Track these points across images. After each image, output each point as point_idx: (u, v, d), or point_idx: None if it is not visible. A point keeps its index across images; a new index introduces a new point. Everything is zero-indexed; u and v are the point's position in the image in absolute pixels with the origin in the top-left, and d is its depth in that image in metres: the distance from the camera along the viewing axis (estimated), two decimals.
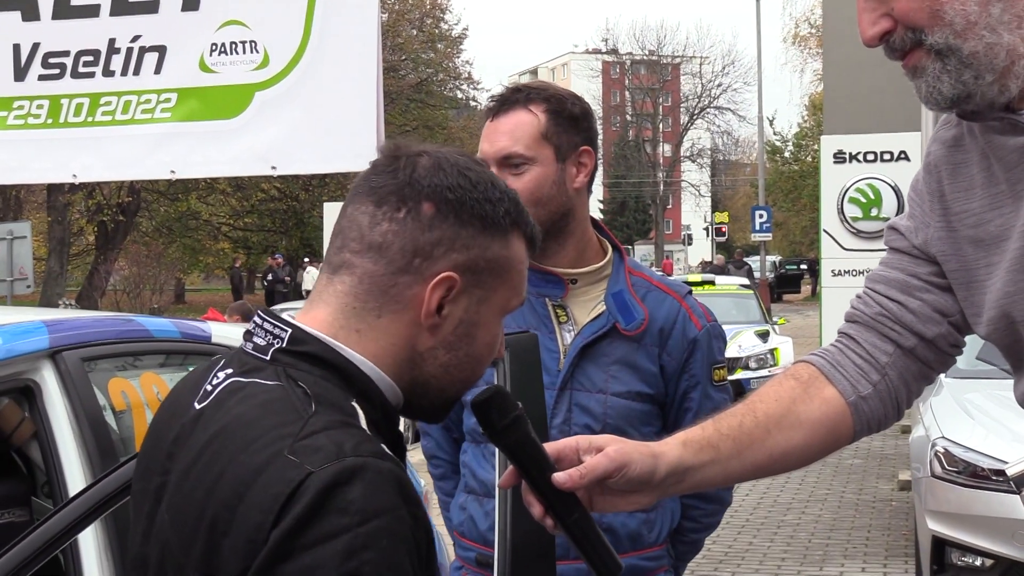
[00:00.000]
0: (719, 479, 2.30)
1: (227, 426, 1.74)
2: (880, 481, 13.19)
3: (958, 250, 2.30)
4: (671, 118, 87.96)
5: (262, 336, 1.85)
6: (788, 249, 72.21)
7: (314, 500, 1.60)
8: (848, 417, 2.37)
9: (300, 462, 1.64)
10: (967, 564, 7.86)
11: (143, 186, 37.75)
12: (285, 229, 47.26)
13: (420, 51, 49.18)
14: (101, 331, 4.31)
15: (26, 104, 6.73)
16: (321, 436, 1.67)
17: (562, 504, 2.04)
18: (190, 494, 1.73)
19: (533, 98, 3.31)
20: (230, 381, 1.82)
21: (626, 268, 3.39)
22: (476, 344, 1.89)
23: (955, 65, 2.09)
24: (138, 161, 6.67)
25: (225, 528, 1.65)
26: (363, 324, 1.83)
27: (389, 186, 1.85)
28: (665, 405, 3.37)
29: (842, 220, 16.62)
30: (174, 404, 1.92)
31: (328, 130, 6.32)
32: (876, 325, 2.40)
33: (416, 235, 1.82)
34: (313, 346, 1.82)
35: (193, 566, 1.69)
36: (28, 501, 4.30)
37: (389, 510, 1.63)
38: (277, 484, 1.63)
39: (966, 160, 2.28)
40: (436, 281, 1.82)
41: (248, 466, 1.67)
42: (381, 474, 1.65)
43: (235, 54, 6.47)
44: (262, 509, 1.62)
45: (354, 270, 1.84)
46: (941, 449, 8.16)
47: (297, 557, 1.59)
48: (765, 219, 46.03)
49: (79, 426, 3.84)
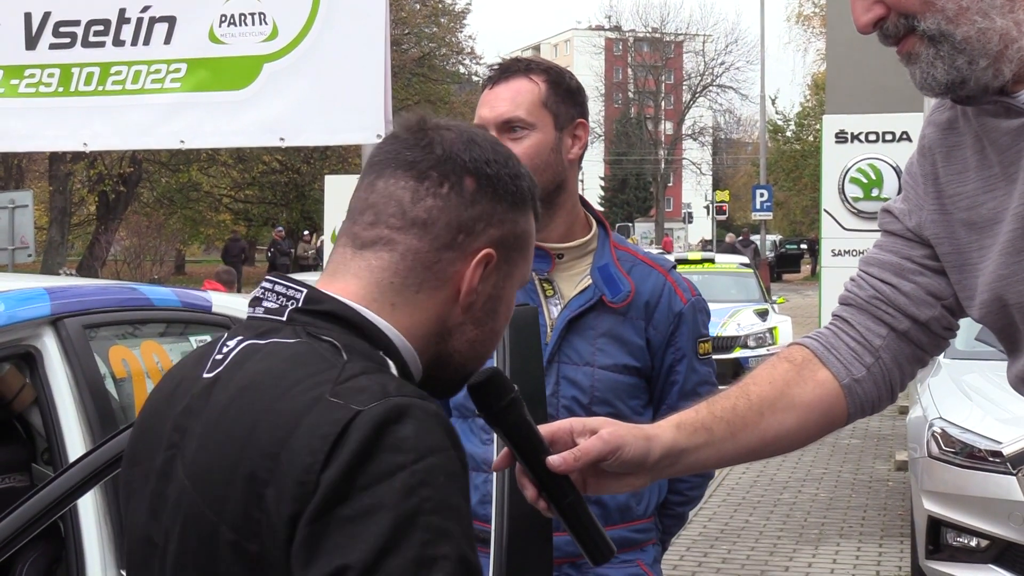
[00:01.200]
0: (713, 461, 2.31)
1: (254, 381, 1.71)
2: (877, 461, 13.22)
3: (951, 233, 2.30)
4: (673, 96, 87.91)
5: (273, 299, 1.82)
6: (788, 229, 72.19)
7: (367, 438, 1.57)
8: (842, 400, 2.37)
9: (345, 402, 1.61)
10: (962, 544, 7.88)
11: (144, 156, 37.71)
12: (286, 202, 47.20)
13: (423, 25, 49.03)
14: (103, 299, 4.32)
15: (37, 72, 6.74)
16: (362, 378, 1.66)
17: (556, 487, 2.04)
18: (217, 452, 1.68)
19: (533, 68, 3.36)
20: (245, 344, 1.78)
21: (611, 243, 3.42)
22: (499, 319, 1.90)
23: (948, 51, 2.08)
24: (148, 130, 6.69)
25: (267, 476, 1.60)
26: (399, 299, 1.80)
27: (428, 160, 1.82)
28: (651, 378, 3.40)
29: (843, 200, 16.59)
30: (175, 384, 1.88)
31: (336, 102, 6.33)
32: (870, 308, 2.40)
33: (460, 211, 1.81)
34: (331, 305, 1.78)
35: (229, 523, 1.64)
36: (28, 467, 4.32)
37: (441, 448, 1.61)
38: (324, 425, 1.59)
39: (960, 143, 2.28)
40: (480, 257, 1.82)
41: (287, 412, 1.63)
42: (428, 414, 1.63)
43: (244, 25, 6.48)
44: (311, 450, 1.58)
45: (395, 246, 1.80)
46: (938, 430, 8.18)
47: (355, 498, 1.55)
48: (766, 198, 46.05)
49: (79, 393, 3.85)
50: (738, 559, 9.71)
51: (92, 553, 3.67)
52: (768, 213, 47.12)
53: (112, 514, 3.74)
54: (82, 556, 3.66)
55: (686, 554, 9.75)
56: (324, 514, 1.56)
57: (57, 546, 3.90)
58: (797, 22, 64.97)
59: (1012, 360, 2.33)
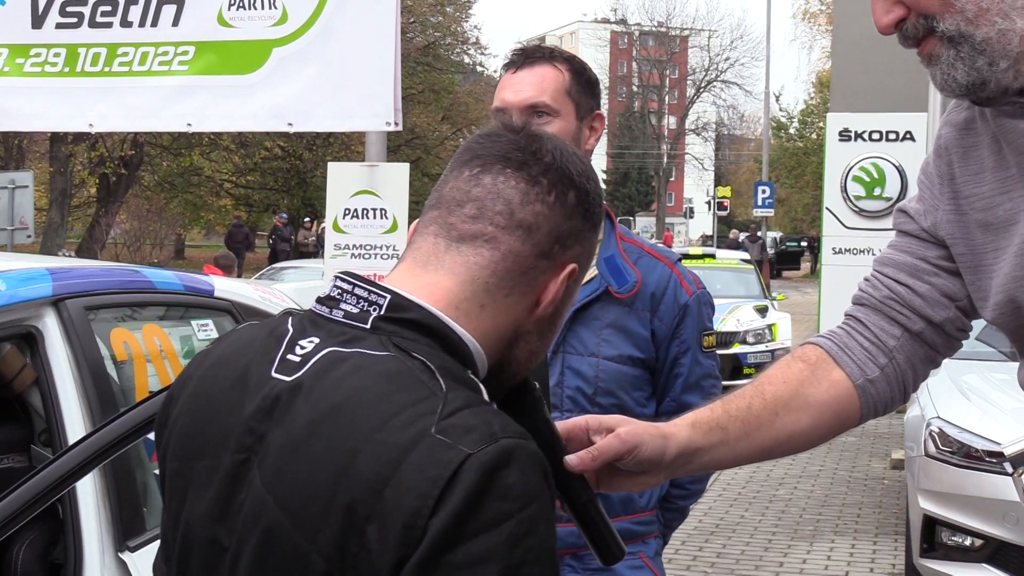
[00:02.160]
0: (727, 460, 2.30)
1: (348, 400, 1.65)
2: (873, 459, 13.23)
3: (967, 234, 2.29)
4: (677, 90, 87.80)
5: (353, 303, 1.77)
6: (789, 226, 72.13)
7: (477, 485, 1.55)
8: (855, 400, 2.37)
9: (453, 443, 1.57)
10: (957, 543, 7.89)
11: (146, 140, 37.67)
12: (287, 188, 47.15)
13: (428, 14, 48.97)
14: (104, 280, 4.30)
15: (43, 52, 6.73)
16: (467, 414, 1.62)
17: (571, 486, 2.04)
18: (310, 474, 1.63)
19: (556, 56, 3.38)
20: (328, 351, 1.72)
21: (617, 234, 3.43)
22: (554, 332, 1.90)
23: (968, 52, 2.07)
24: (155, 113, 6.67)
25: (367, 512, 1.57)
26: (489, 300, 1.78)
27: (539, 166, 1.81)
28: (655, 370, 3.40)
29: (845, 198, 16.56)
30: (236, 374, 1.80)
31: (346, 89, 6.32)
32: (884, 308, 2.40)
33: (560, 222, 1.81)
34: (418, 314, 1.74)
35: (322, 552, 1.60)
36: (27, 447, 4.32)
37: (541, 494, 1.60)
38: (433, 467, 1.56)
39: (977, 143, 2.27)
40: (568, 271, 1.82)
41: (390, 446, 1.59)
42: (531, 457, 1.62)
43: (253, 9, 6.46)
44: (420, 494, 1.55)
45: (498, 245, 1.78)
46: (936, 429, 8.19)
47: (463, 546, 1.54)
48: (767, 195, 46.02)
49: (80, 374, 3.84)
50: (733, 554, 9.72)
51: (90, 534, 3.67)
52: (769, 210, 47.08)
53: (111, 496, 3.74)
54: (80, 537, 3.65)
55: (681, 548, 9.75)
56: (432, 561, 1.54)
57: (55, 527, 3.90)
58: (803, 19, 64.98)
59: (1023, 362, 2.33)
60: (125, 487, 3.85)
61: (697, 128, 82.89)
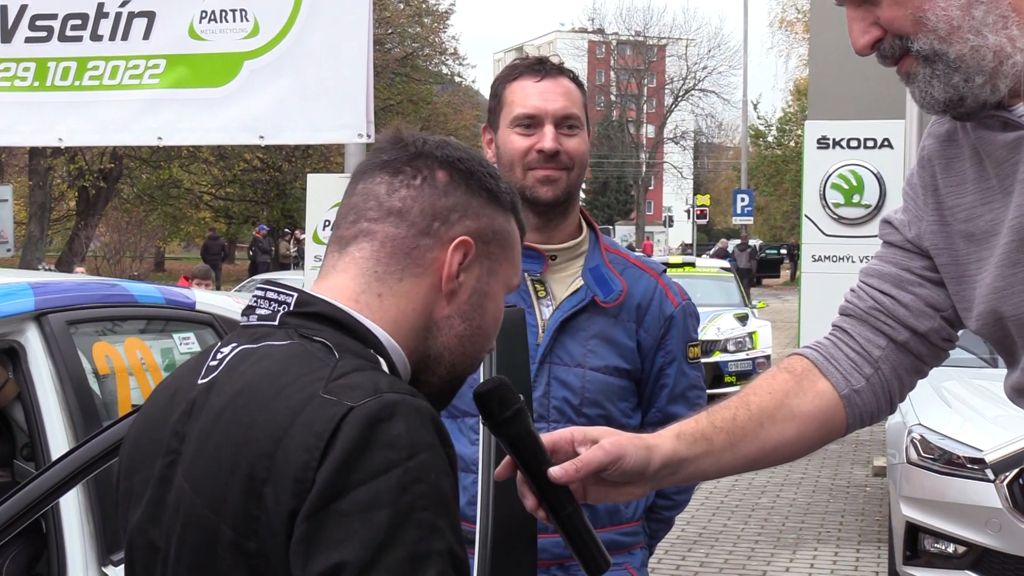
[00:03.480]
0: (712, 471, 2.32)
1: (249, 383, 1.75)
2: (855, 467, 13.26)
3: (950, 244, 2.31)
4: (655, 99, 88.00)
5: (266, 306, 1.88)
6: (768, 234, 72.30)
7: (360, 435, 1.61)
8: (841, 410, 2.39)
9: (338, 399, 1.65)
10: (940, 551, 7.91)
11: (125, 152, 37.60)
12: (267, 200, 47.13)
13: (406, 25, 48.98)
14: (86, 295, 4.30)
15: (12, 66, 6.68)
16: (355, 375, 1.70)
17: (556, 498, 2.06)
18: (215, 454, 1.72)
19: (565, 71, 3.45)
20: (239, 349, 1.83)
21: (602, 245, 3.45)
22: (487, 316, 1.94)
23: (943, 70, 2.10)
24: (125, 126, 6.63)
25: (264, 475, 1.64)
26: (384, 288, 1.86)
27: (403, 158, 1.92)
28: (641, 381, 3.41)
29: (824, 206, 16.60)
30: (171, 391, 1.92)
31: (317, 100, 6.30)
32: (869, 319, 2.41)
33: (434, 200, 1.89)
34: (321, 307, 1.84)
35: (229, 522, 1.67)
36: (10, 462, 4.31)
37: (432, 445, 1.65)
38: (318, 422, 1.63)
39: (959, 155, 2.29)
40: (455, 244, 1.87)
41: (282, 411, 1.67)
42: (419, 411, 1.67)
43: (225, 22, 6.43)
44: (306, 448, 1.62)
45: (374, 236, 1.88)
46: (917, 436, 8.21)
47: (351, 493, 1.59)
48: (747, 203, 46.15)
49: (63, 389, 3.84)
50: (716, 563, 9.73)
51: (74, 549, 3.67)
52: (748, 218, 47.21)
53: (95, 511, 3.74)
54: (63, 552, 3.65)
55: (664, 557, 9.76)
56: (320, 509, 1.59)
57: (38, 542, 3.89)
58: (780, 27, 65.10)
59: (1009, 371, 2.34)
60: (108, 501, 3.84)
61: (676, 137, 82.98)
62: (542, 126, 3.30)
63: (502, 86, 3.44)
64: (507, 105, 3.39)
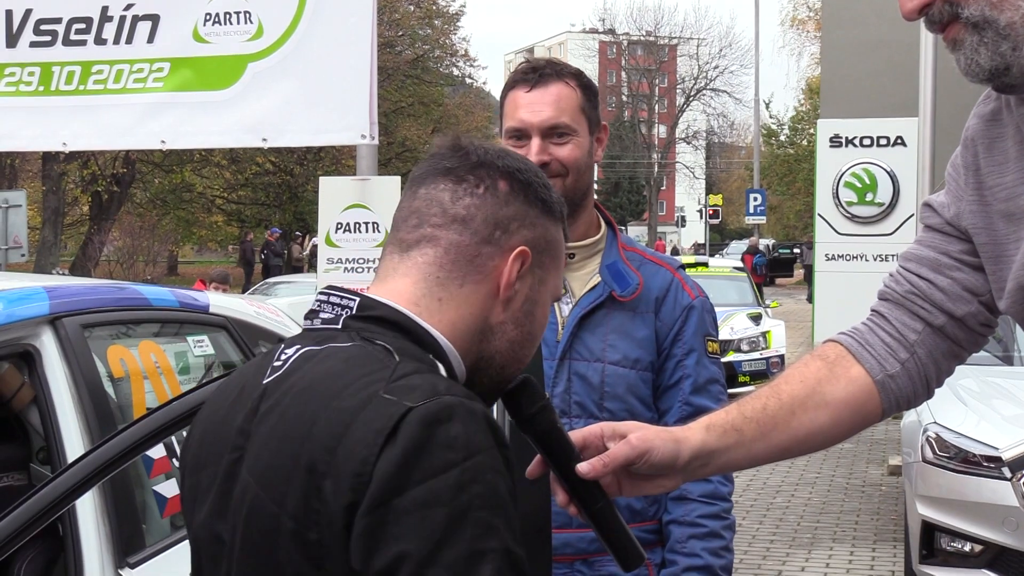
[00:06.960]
0: (745, 462, 2.32)
1: (312, 382, 1.81)
2: (870, 466, 13.23)
3: (989, 224, 2.29)
4: (667, 99, 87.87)
5: (329, 310, 1.94)
6: (781, 233, 72.25)
7: (419, 434, 1.67)
8: (875, 396, 2.38)
9: (398, 399, 1.70)
10: (956, 549, 7.89)
11: (138, 157, 37.70)
12: (279, 203, 47.19)
13: (417, 27, 49.04)
14: (101, 298, 4.31)
15: (17, 71, 6.68)
16: (414, 377, 1.76)
17: (587, 493, 2.08)
18: (279, 449, 1.78)
19: (565, 72, 3.39)
20: (304, 351, 1.89)
21: (619, 243, 3.46)
22: (536, 323, 2.00)
23: (992, 37, 2.07)
24: (129, 130, 6.63)
25: (325, 469, 1.70)
26: (445, 293, 1.92)
27: (465, 166, 1.96)
28: (659, 371, 3.40)
29: (837, 204, 16.62)
30: (237, 391, 1.97)
31: (321, 103, 6.30)
32: (905, 303, 2.40)
33: (496, 209, 1.94)
34: (383, 311, 1.90)
35: (290, 513, 1.73)
36: (27, 465, 4.32)
37: (488, 447, 1.70)
38: (378, 420, 1.69)
39: (1002, 134, 2.27)
40: (516, 253, 1.93)
41: (343, 409, 1.73)
42: (475, 414, 1.73)
43: (229, 24, 6.44)
44: (365, 444, 1.68)
45: (438, 242, 1.93)
46: (932, 434, 8.19)
47: (410, 491, 1.65)
48: (759, 202, 46.10)
49: (78, 392, 3.85)
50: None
51: (90, 552, 3.67)
52: (761, 217, 47.17)
53: (111, 514, 3.74)
54: (80, 555, 3.66)
55: None
56: (381, 505, 1.65)
57: (55, 545, 3.90)
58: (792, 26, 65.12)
59: None
60: (124, 504, 3.85)
61: (687, 137, 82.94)
62: (531, 138, 3.29)
63: (502, 95, 3.45)
64: (504, 116, 3.41)
